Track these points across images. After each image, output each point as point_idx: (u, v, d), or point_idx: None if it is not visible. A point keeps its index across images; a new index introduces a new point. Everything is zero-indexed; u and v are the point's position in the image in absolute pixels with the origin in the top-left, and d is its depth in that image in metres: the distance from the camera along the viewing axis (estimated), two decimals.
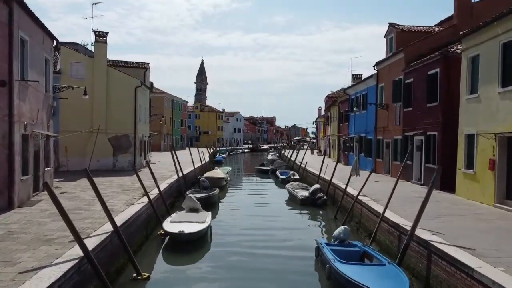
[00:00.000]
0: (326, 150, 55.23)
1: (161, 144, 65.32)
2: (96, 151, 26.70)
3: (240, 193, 28.19)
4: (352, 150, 34.69)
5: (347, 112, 36.66)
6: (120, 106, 27.67)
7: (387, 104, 26.26)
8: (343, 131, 38.73)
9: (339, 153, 40.59)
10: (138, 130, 28.62)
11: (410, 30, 25.21)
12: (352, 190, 18.68)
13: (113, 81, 27.51)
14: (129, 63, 31.63)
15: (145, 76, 31.62)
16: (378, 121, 28.19)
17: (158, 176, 24.90)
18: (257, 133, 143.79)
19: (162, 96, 65.47)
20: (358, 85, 33.01)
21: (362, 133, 31.89)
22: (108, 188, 18.53)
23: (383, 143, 27.02)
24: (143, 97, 30.62)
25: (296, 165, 39.51)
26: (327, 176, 25.17)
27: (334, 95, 63.45)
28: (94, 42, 27.22)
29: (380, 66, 27.67)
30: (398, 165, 24.32)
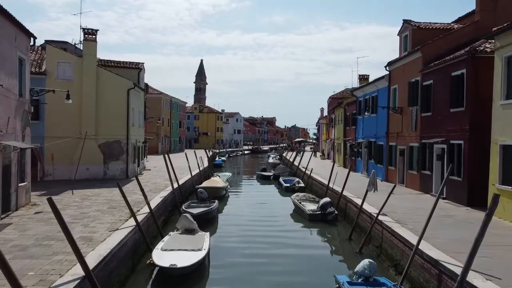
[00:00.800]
0: (330, 154, 53.17)
1: (159, 147, 63.20)
2: (86, 159, 24.59)
3: (241, 204, 26.08)
4: (360, 156, 32.57)
5: (355, 115, 34.53)
6: (111, 109, 25.57)
7: (401, 108, 24.14)
8: (350, 135, 36.62)
9: (345, 157, 38.46)
10: (131, 135, 26.50)
11: (427, 28, 23.08)
12: (368, 207, 16.53)
13: (103, 83, 25.38)
14: (121, 63, 29.49)
15: (139, 77, 29.50)
16: (390, 126, 26.08)
17: (152, 187, 22.82)
18: (257, 133, 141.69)
19: (159, 97, 63.39)
20: (367, 86, 30.89)
21: (371, 138, 29.77)
22: (93, 205, 16.39)
23: (396, 150, 24.91)
24: (137, 99, 28.51)
25: (301, 171, 37.39)
26: (336, 186, 23.06)
27: (338, 96, 61.41)
28: (83, 40, 25.11)
29: (393, 66, 25.55)
30: (414, 175, 22.23)
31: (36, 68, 24.68)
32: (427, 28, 23.08)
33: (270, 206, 25.33)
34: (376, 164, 28.43)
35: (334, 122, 47.81)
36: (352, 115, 36.02)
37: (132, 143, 26.91)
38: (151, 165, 37.76)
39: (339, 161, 42.16)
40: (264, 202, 26.71)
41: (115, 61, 29.74)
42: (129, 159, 26.10)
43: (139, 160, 29.40)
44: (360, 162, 32.48)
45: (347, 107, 38.19)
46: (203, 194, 22.48)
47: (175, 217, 20.05)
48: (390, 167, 25.97)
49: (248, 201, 26.89)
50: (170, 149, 68.13)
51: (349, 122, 37.50)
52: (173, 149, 70.07)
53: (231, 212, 22.69)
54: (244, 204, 25.61)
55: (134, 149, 27.62)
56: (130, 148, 26.15)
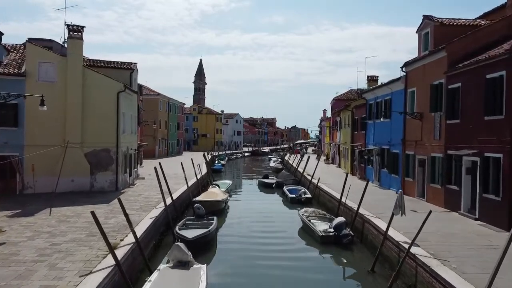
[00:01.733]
0: (334, 158, 50.79)
1: (156, 150, 60.80)
2: (70, 169, 22.21)
3: (242, 219, 23.60)
4: (370, 163, 30.13)
5: (364, 120, 32.10)
6: (99, 115, 23.13)
7: (421, 114, 21.71)
8: (359, 140, 34.19)
9: (353, 164, 36.05)
10: (122, 142, 24.07)
11: (452, 24, 20.66)
12: (394, 233, 14.07)
13: (90, 85, 22.95)
14: (112, 63, 27.03)
15: (131, 78, 27.05)
16: (407, 132, 23.65)
17: (143, 202, 20.34)
18: (257, 134, 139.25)
19: (156, 99, 60.97)
20: (379, 89, 28.45)
21: (384, 144, 27.35)
22: (70, 231, 13.89)
23: (414, 159, 22.48)
24: (128, 103, 26.06)
25: (306, 178, 34.93)
26: (349, 201, 20.62)
27: (342, 97, 59.07)
28: (67, 38, 22.63)
29: (411, 67, 23.13)
30: (437, 189, 19.80)
31: (16, 69, 22.24)
32: (451, 24, 20.66)
33: (274, 221, 22.88)
34: (390, 174, 26.01)
35: (339, 126, 45.40)
36: (361, 119, 33.58)
37: (123, 151, 24.47)
38: (145, 172, 35.29)
39: (345, 168, 39.74)
40: (267, 215, 24.27)
41: (104, 61, 27.29)
42: (119, 170, 23.65)
43: (131, 169, 26.96)
44: (371, 170, 30.05)
45: (355, 110, 35.76)
46: (201, 210, 20.03)
47: (168, 239, 17.63)
48: (407, 178, 23.54)
49: (250, 215, 24.42)
50: (167, 152, 65.76)
51: (357, 127, 35.07)
52: (171, 152, 67.67)
53: (231, 232, 20.15)
54: (246, 219, 23.12)
55: (125, 157, 25.18)
56: (120, 157, 23.70)
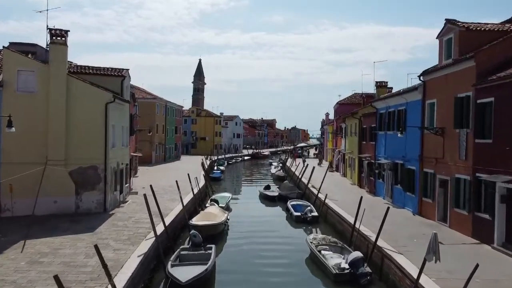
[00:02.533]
0: (338, 166, 48.60)
1: (152, 156, 58.59)
2: (53, 189, 20.07)
3: (243, 244, 21.42)
4: (381, 178, 27.91)
5: (374, 130, 29.88)
6: (85, 128, 20.92)
7: (443, 129, 19.50)
8: (367, 151, 31.98)
9: (361, 176, 33.84)
10: (111, 158, 21.84)
11: (479, 29, 18.45)
12: (427, 281, 11.84)
13: (75, 96, 20.72)
14: (101, 70, 24.77)
15: (122, 86, 24.80)
16: (425, 148, 21.46)
17: (132, 229, 17.98)
18: (257, 136, 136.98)
19: (153, 102, 58.76)
20: (392, 98, 26.22)
21: (398, 159, 25.15)
22: (38, 282, 11.57)
23: (434, 179, 20.28)
24: (119, 113, 23.83)
25: (311, 191, 32.69)
26: (364, 228, 18.39)
27: (346, 101, 57.04)
28: (49, 43, 20.39)
29: (430, 76, 20.93)
30: (463, 216, 17.61)
31: None
32: (478, 29, 18.44)
33: (279, 247, 20.64)
34: (405, 192, 23.81)
35: (344, 133, 43.20)
36: (370, 128, 31.36)
37: (112, 168, 22.24)
38: (139, 184, 33.05)
39: (352, 179, 37.54)
40: (271, 239, 22.06)
41: (93, 67, 25.04)
42: (108, 188, 21.41)
43: (122, 185, 24.72)
44: (382, 185, 27.84)
45: (363, 119, 33.54)
46: (197, 238, 17.80)
47: (159, 276, 15.42)
48: (425, 198, 21.35)
49: (252, 239, 22.17)
50: (165, 157, 63.55)
51: (365, 136, 32.85)
52: (168, 157, 65.43)
53: (231, 266, 17.79)
54: (247, 246, 20.84)
55: (115, 174, 22.95)
56: (109, 175, 21.47)
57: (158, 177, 39.32)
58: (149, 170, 46.45)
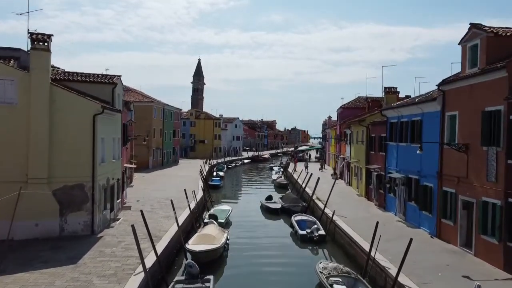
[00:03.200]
0: (343, 173, 46.67)
1: (149, 161, 56.70)
2: (34, 211, 18.18)
3: (244, 267, 19.51)
4: (393, 192, 25.97)
5: (384, 140, 27.94)
6: (71, 143, 18.97)
7: (467, 145, 17.57)
8: (376, 162, 30.04)
9: (368, 187, 31.91)
10: (100, 175, 19.89)
11: (510, 35, 16.50)
12: None
13: (60, 107, 18.76)
14: (91, 77, 22.83)
15: (114, 94, 22.88)
16: (445, 164, 19.53)
17: (120, 260, 15.79)
18: (257, 138, 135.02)
19: (150, 106, 56.81)
20: (405, 107, 24.27)
21: (412, 174, 23.22)
22: None
23: (456, 199, 18.36)
24: (109, 125, 21.88)
25: (316, 205, 30.72)
26: (379, 256, 16.44)
27: (350, 105, 55.12)
28: (30, 49, 18.41)
29: (451, 86, 19.00)
30: (492, 245, 15.67)
31: None
32: (509, 35, 16.50)
33: (284, 275, 18.71)
34: (421, 211, 21.88)
35: (349, 139, 41.26)
36: (379, 138, 29.42)
37: (101, 185, 20.29)
38: (134, 196, 31.13)
39: (358, 189, 35.61)
40: (276, 264, 20.12)
41: (82, 73, 23.09)
42: (96, 208, 19.45)
43: (114, 202, 22.76)
44: (393, 200, 25.91)
45: (372, 127, 31.59)
46: (193, 269, 15.89)
47: None
48: (444, 220, 19.41)
49: (255, 263, 20.25)
50: (162, 162, 61.64)
51: (374, 146, 30.90)
52: (166, 161, 63.51)
53: None
54: (249, 273, 18.90)
55: (105, 191, 20.99)
56: (97, 193, 19.51)
57: (154, 186, 37.38)
58: (145, 178, 44.50)
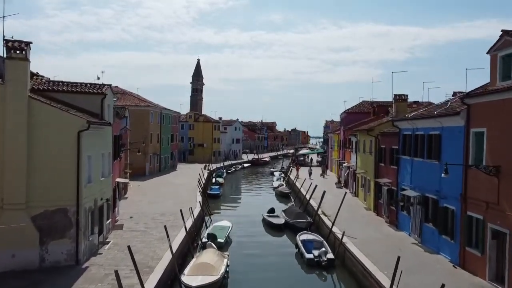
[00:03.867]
0: (347, 182, 44.70)
1: (146, 167, 54.67)
2: (10, 240, 16.16)
3: None
4: (406, 210, 23.98)
5: (397, 153, 25.95)
6: (53, 163, 16.96)
7: (498, 167, 15.58)
8: (387, 176, 28.04)
9: (377, 201, 29.90)
10: (86, 197, 17.88)
11: None
12: None
13: (39, 123, 16.75)
14: (78, 86, 20.82)
15: (103, 105, 20.87)
16: (469, 187, 17.54)
17: None
18: (257, 140, 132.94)
19: (147, 110, 54.79)
20: (422, 120, 22.25)
21: (429, 192, 21.24)
22: None
23: (484, 227, 16.37)
24: (98, 140, 19.88)
25: (322, 221, 28.69)
26: None
27: (354, 110, 53.16)
28: (6, 58, 16.37)
29: (478, 100, 17.00)
30: None
31: None
32: None
33: None
34: (441, 235, 19.88)
35: (355, 148, 39.24)
36: (390, 150, 27.41)
37: (88, 208, 18.27)
38: (127, 210, 29.11)
39: (366, 202, 33.64)
40: None
41: (68, 83, 21.08)
42: (81, 235, 17.45)
43: (102, 224, 20.74)
44: (407, 219, 23.92)
45: (381, 138, 29.59)
46: None
47: None
48: (469, 249, 17.41)
49: None
50: (160, 168, 59.59)
51: (384, 158, 28.88)
52: (164, 167, 61.44)
53: None
54: None
55: (92, 214, 18.98)
56: (82, 218, 17.50)
57: (150, 198, 35.33)
58: (141, 187, 42.48)
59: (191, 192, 39.22)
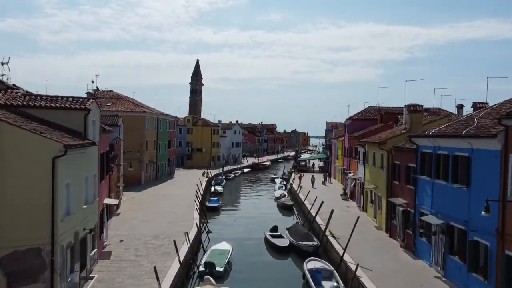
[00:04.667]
0: (354, 194, 42.32)
1: (142, 176, 52.35)
2: None
3: None
4: (427, 238, 21.56)
5: (414, 172, 23.52)
6: (23, 195, 14.48)
7: None
8: (403, 196, 25.63)
9: (391, 222, 27.49)
10: (64, 232, 15.44)
11: None
12: None
13: (6, 149, 14.27)
14: (58, 101, 18.36)
15: (86, 121, 18.44)
16: (508, 223, 15.10)
17: None
18: (257, 143, 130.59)
19: (142, 116, 52.41)
20: (446, 139, 19.79)
21: (455, 221, 18.82)
22: None
23: None
24: (80, 164, 17.44)
25: (330, 243, 26.26)
26: None
27: (360, 117, 50.86)
28: None
29: None
30: None
31: None
32: None
33: None
34: (470, 272, 17.44)
35: (364, 159, 36.81)
36: (406, 168, 24.97)
37: (66, 245, 15.81)
38: (118, 231, 26.72)
39: (376, 220, 31.25)
40: None
41: (47, 97, 18.62)
42: (57, 278, 14.98)
43: (85, 258, 18.29)
44: (426, 246, 21.53)
45: (395, 153, 27.17)
46: None
47: None
48: None
49: None
50: (156, 175, 57.18)
51: (399, 176, 26.44)
52: (161, 175, 59.03)
53: None
54: None
55: (72, 249, 16.52)
56: (59, 258, 15.03)
57: (143, 215, 32.86)
58: (135, 200, 40.01)
59: (188, 207, 36.77)
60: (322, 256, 26.07)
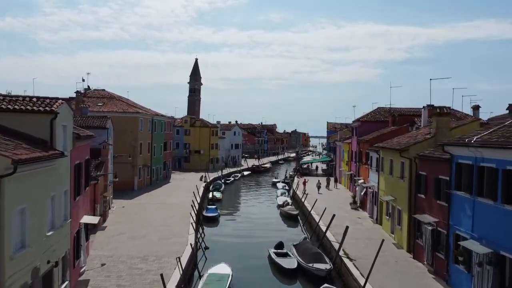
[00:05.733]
0: (365, 203, 38.79)
1: (135, 181, 48.79)
2: None
3: None
4: (465, 266, 18.02)
5: (448, 186, 19.97)
6: None
7: None
8: (431, 212, 22.10)
9: (415, 242, 23.97)
10: (17, 270, 11.89)
11: None
12: None
13: None
14: (18, 103, 14.81)
15: (53, 127, 14.89)
16: None
17: None
18: (257, 144, 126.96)
19: (135, 117, 48.81)
20: (494, 150, 16.21)
21: (507, 251, 15.27)
22: None
23: None
24: (43, 181, 13.88)
25: (346, 266, 22.69)
26: None
27: (369, 118, 47.31)
28: None
29: None
30: None
31: None
32: None
33: None
34: None
35: (378, 166, 33.27)
36: (436, 181, 21.41)
37: (22, 285, 12.24)
38: (101, 251, 23.19)
39: (395, 237, 27.70)
40: None
41: (5, 96, 15.07)
42: None
43: None
44: (465, 276, 17.99)
45: (420, 162, 23.63)
46: None
47: None
48: None
49: None
50: (151, 181, 53.61)
51: (426, 189, 22.89)
52: (156, 180, 55.42)
53: None
54: None
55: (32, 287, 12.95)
56: None
57: (132, 229, 29.25)
58: (125, 209, 36.43)
59: (182, 218, 33.21)
60: (336, 281, 22.60)
